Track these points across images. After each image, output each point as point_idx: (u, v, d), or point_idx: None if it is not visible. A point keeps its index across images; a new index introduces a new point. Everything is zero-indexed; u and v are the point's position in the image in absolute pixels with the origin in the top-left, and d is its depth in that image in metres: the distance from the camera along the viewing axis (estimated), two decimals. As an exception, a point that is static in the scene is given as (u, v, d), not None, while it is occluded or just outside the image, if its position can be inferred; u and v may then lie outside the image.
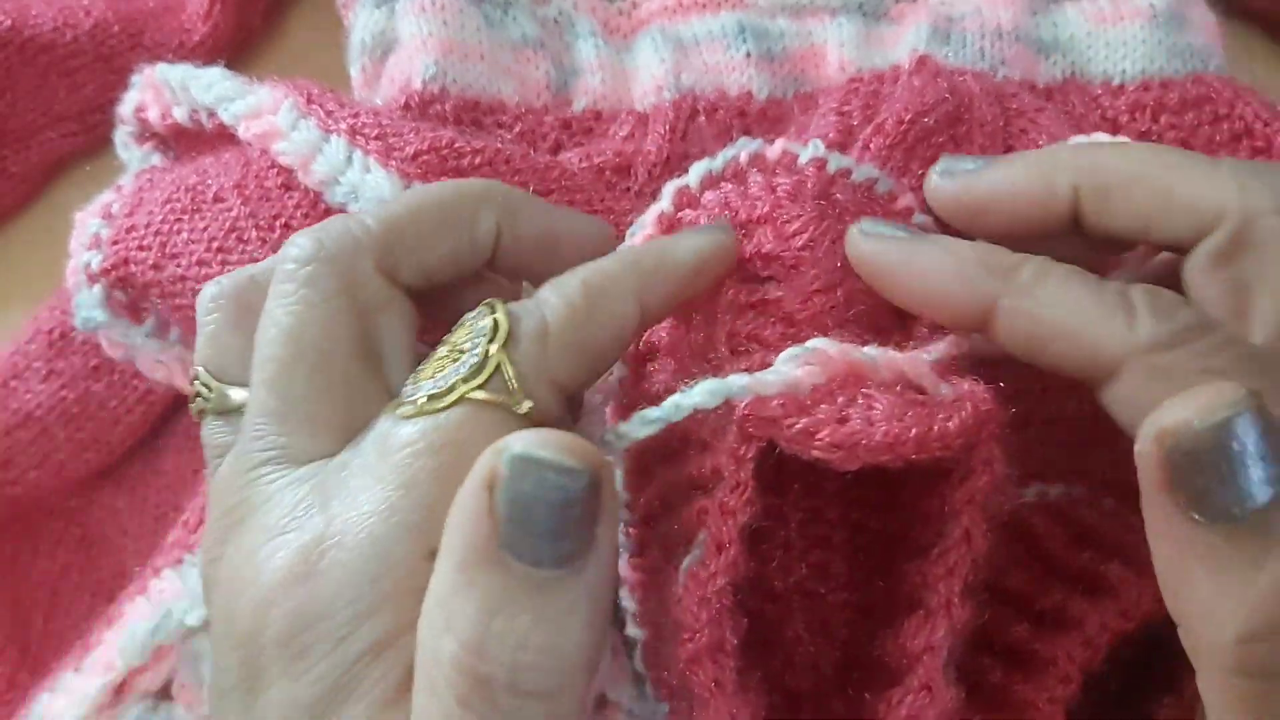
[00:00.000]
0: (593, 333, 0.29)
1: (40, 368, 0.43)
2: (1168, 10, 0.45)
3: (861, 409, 0.28)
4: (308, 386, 0.27)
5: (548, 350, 0.28)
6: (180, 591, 0.39)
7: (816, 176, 0.35)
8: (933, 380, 0.30)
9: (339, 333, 0.28)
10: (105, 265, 0.40)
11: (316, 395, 0.27)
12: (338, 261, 0.29)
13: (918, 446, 0.27)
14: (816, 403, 0.28)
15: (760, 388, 0.28)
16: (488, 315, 0.28)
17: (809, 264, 0.33)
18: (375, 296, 0.29)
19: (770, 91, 0.45)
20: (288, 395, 0.27)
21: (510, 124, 0.43)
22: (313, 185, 0.39)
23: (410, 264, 0.30)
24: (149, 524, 0.44)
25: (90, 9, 0.49)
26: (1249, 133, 0.43)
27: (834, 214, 0.34)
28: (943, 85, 0.40)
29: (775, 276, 0.33)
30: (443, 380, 0.26)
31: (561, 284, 0.29)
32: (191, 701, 0.39)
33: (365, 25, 0.44)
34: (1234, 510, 0.23)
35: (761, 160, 0.36)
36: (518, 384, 0.27)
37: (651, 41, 0.45)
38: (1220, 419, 0.23)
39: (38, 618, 0.44)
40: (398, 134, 0.38)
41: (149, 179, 0.42)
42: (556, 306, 0.28)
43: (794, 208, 0.34)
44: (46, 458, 0.43)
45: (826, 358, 0.29)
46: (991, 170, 0.34)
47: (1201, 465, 0.23)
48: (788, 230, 0.33)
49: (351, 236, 0.29)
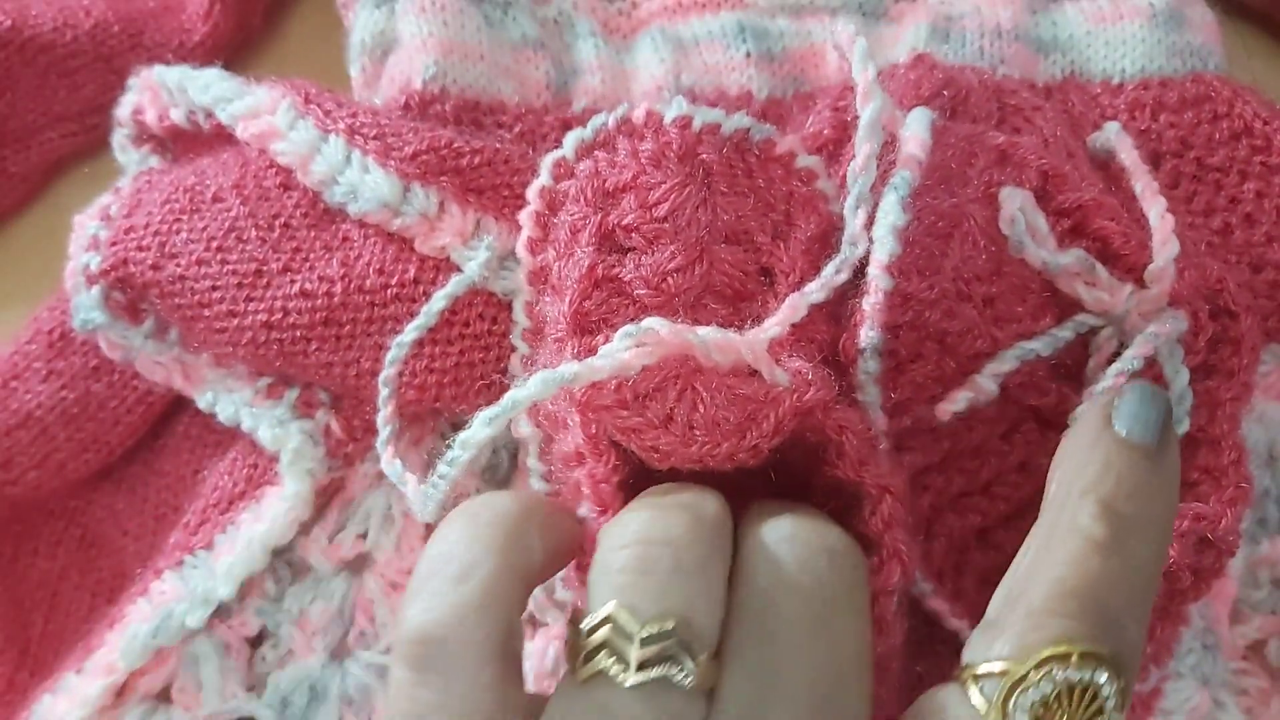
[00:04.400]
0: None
1: (40, 368, 0.43)
2: (1167, 9, 0.45)
3: (686, 408, 0.28)
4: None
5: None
6: (181, 593, 0.39)
7: (681, 137, 0.35)
8: (768, 364, 0.30)
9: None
10: (104, 266, 0.40)
11: None
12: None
13: (728, 458, 0.28)
14: (648, 392, 0.29)
15: (590, 374, 0.29)
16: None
17: (668, 237, 0.33)
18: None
19: (770, 91, 0.45)
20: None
21: (510, 124, 0.43)
22: (311, 185, 0.39)
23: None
24: (149, 524, 0.44)
25: (90, 9, 0.49)
26: (1248, 131, 0.43)
27: (700, 177, 0.34)
28: (939, 78, 0.40)
29: (636, 248, 0.34)
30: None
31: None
32: (191, 705, 0.39)
33: (365, 25, 0.45)
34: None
35: (629, 125, 0.36)
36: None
37: (651, 42, 0.45)
38: None
39: (38, 618, 0.44)
40: (396, 134, 0.38)
41: (147, 181, 0.42)
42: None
43: (657, 174, 0.34)
44: (46, 458, 0.43)
45: (658, 338, 0.29)
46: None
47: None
48: (650, 199, 0.34)
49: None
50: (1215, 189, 0.42)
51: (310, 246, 0.39)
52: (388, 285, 0.38)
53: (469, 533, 0.26)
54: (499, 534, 0.26)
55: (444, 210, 0.38)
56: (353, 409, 0.40)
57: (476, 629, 0.25)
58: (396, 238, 0.39)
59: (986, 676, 0.25)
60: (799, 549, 0.26)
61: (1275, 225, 0.41)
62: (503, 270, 0.38)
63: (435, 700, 0.24)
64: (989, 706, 0.25)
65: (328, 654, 0.40)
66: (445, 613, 0.25)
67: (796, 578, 0.25)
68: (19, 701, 0.41)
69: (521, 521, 0.26)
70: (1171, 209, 0.36)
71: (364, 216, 0.38)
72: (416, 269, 0.38)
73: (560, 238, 0.35)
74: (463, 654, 0.24)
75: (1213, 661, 0.39)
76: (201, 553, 0.40)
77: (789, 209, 0.35)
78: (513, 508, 0.27)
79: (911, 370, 0.33)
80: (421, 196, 0.38)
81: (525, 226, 0.37)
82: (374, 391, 0.38)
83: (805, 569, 0.25)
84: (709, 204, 0.34)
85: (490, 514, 0.26)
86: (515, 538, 0.26)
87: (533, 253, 0.37)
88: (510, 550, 0.26)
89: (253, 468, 0.41)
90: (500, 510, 0.26)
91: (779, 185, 0.35)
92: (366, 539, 0.41)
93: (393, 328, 0.38)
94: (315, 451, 0.40)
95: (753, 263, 0.34)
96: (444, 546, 0.26)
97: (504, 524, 0.26)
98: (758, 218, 0.35)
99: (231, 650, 0.40)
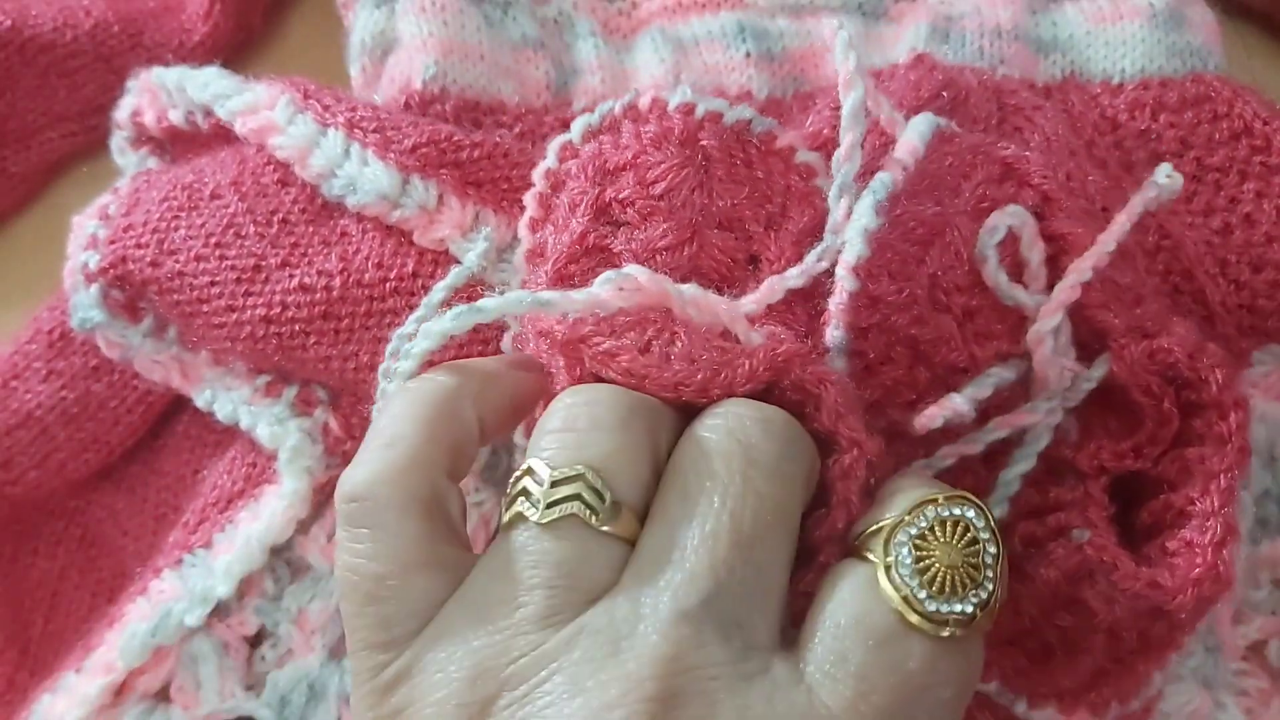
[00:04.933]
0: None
1: (40, 368, 0.43)
2: (1167, 9, 0.45)
3: (664, 342, 0.29)
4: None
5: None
6: (179, 592, 0.39)
7: (684, 122, 0.35)
8: (744, 328, 0.31)
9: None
10: (103, 264, 0.40)
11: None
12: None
13: (700, 391, 0.28)
14: (627, 327, 0.29)
15: (566, 304, 0.30)
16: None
17: (662, 215, 0.34)
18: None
19: (770, 91, 0.45)
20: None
21: (510, 124, 0.43)
22: (310, 178, 0.39)
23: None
24: (149, 524, 0.44)
25: (90, 9, 0.50)
26: (1248, 131, 0.43)
27: (698, 161, 0.35)
28: (939, 78, 0.40)
29: (630, 223, 0.34)
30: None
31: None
32: (190, 704, 0.39)
33: (365, 25, 0.45)
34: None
35: (634, 110, 0.37)
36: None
37: (651, 42, 0.45)
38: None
39: (38, 618, 0.44)
40: (396, 127, 0.39)
41: (145, 180, 0.42)
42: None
43: (657, 154, 0.35)
44: (46, 458, 0.43)
45: (638, 285, 0.30)
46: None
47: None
48: (649, 177, 0.34)
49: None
50: (1215, 189, 0.42)
51: (309, 241, 0.39)
52: (386, 279, 0.38)
53: (401, 408, 0.29)
54: (427, 408, 0.29)
55: (443, 203, 0.38)
56: (351, 406, 0.40)
57: (400, 488, 0.27)
58: (395, 232, 0.39)
59: (872, 534, 0.28)
60: (731, 419, 0.28)
61: (1275, 225, 0.41)
62: (501, 262, 0.38)
63: (366, 550, 0.27)
64: (878, 553, 0.27)
65: (326, 653, 0.40)
66: (373, 473, 0.28)
67: (723, 441, 0.27)
68: (19, 701, 0.41)
69: (452, 395, 0.29)
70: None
71: (362, 209, 0.38)
72: (415, 263, 0.38)
73: (559, 214, 0.36)
74: (388, 509, 0.27)
75: (1214, 664, 0.39)
76: (200, 551, 0.40)
77: (785, 201, 0.35)
78: (446, 383, 0.29)
79: (881, 373, 0.33)
80: (421, 189, 0.38)
81: (529, 206, 0.37)
82: (372, 386, 0.37)
83: (734, 434, 0.27)
84: (705, 188, 0.34)
85: (422, 391, 0.29)
86: (444, 409, 0.29)
87: (533, 231, 0.37)
88: (437, 421, 0.28)
89: (252, 466, 0.41)
90: (431, 387, 0.29)
91: (777, 178, 0.36)
92: (365, 538, 0.41)
93: (391, 321, 0.38)
94: (314, 449, 0.40)
95: (742, 250, 0.34)
96: (380, 420, 0.29)
97: (433, 398, 0.29)
98: (752, 207, 0.35)
99: (230, 649, 0.40)
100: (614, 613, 0.25)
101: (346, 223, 0.39)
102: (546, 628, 0.25)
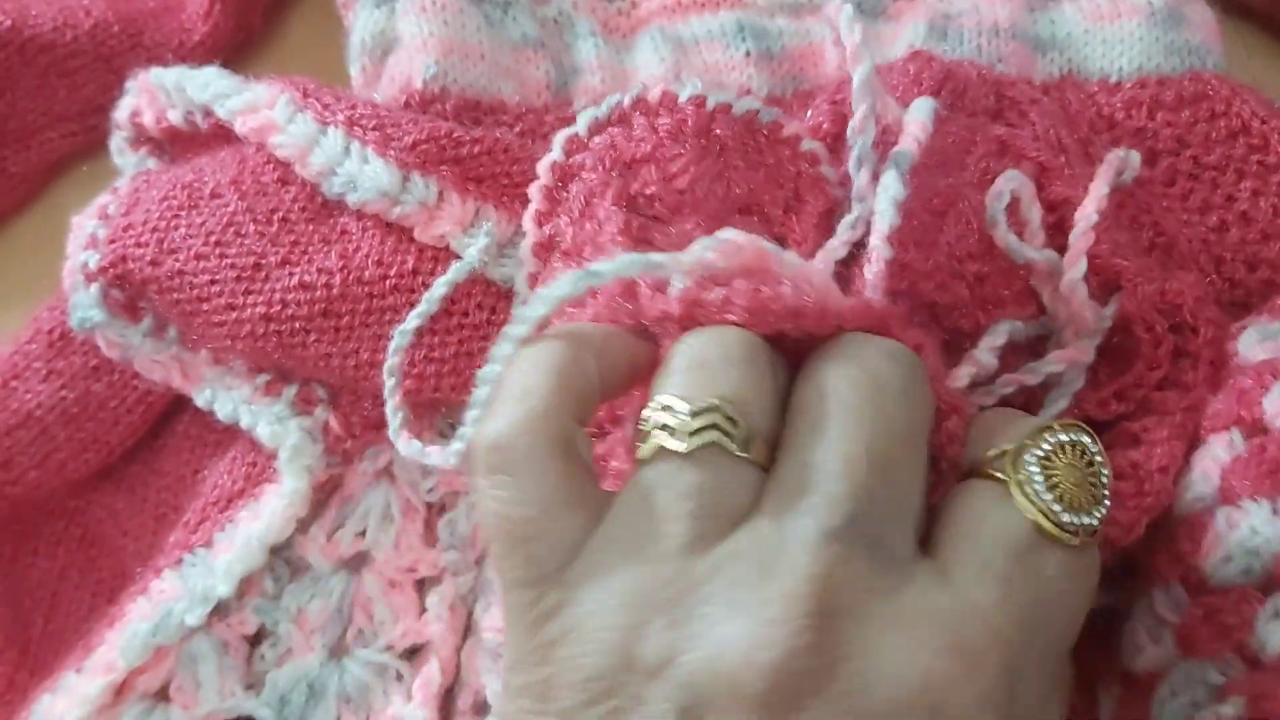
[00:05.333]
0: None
1: (40, 368, 0.43)
2: (1165, 7, 0.45)
3: (771, 285, 0.30)
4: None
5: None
6: (180, 592, 0.39)
7: (696, 114, 0.36)
8: (836, 290, 0.31)
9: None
10: (102, 264, 0.40)
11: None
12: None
13: (819, 316, 0.29)
14: (730, 281, 0.30)
15: (674, 264, 0.30)
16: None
17: (690, 209, 0.35)
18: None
19: (769, 90, 0.45)
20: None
21: (511, 124, 0.43)
22: (310, 177, 0.39)
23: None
24: (149, 524, 0.44)
25: (90, 9, 0.50)
26: (1246, 130, 0.43)
27: (715, 151, 0.36)
28: (938, 71, 0.41)
29: (659, 217, 0.35)
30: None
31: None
32: (189, 703, 0.39)
33: (365, 25, 0.45)
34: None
35: (644, 103, 0.37)
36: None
37: (651, 41, 0.45)
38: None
39: (38, 618, 0.44)
40: (395, 124, 0.39)
41: (145, 180, 0.42)
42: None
43: (676, 146, 0.36)
44: (46, 458, 0.43)
45: (736, 247, 0.30)
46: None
47: None
48: (671, 170, 0.35)
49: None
50: (1212, 187, 0.42)
51: (309, 240, 0.39)
52: (386, 276, 0.38)
53: (529, 363, 0.30)
54: (555, 360, 0.29)
55: (443, 199, 0.38)
56: (351, 405, 0.40)
57: (538, 435, 0.28)
58: (395, 230, 0.39)
59: (996, 457, 0.30)
60: (854, 347, 0.29)
61: (1271, 223, 0.41)
62: (501, 258, 0.38)
63: (510, 495, 0.28)
64: (1008, 473, 0.29)
65: (326, 652, 0.40)
66: (511, 423, 0.28)
67: (849, 369, 0.28)
68: (19, 701, 0.41)
69: (577, 348, 0.30)
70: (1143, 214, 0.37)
71: (363, 206, 0.38)
72: (415, 260, 0.38)
73: (575, 204, 0.36)
74: (529, 455, 0.28)
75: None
76: (200, 551, 0.40)
77: (797, 186, 0.37)
78: (570, 338, 0.30)
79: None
80: (421, 186, 0.38)
81: (533, 200, 0.38)
82: (373, 384, 0.38)
83: (859, 361, 0.29)
84: (724, 177, 0.35)
85: (548, 347, 0.30)
86: (570, 361, 0.29)
87: (539, 224, 0.37)
88: (564, 371, 0.29)
89: (252, 466, 0.41)
90: (556, 343, 0.30)
91: (787, 165, 0.37)
92: (365, 537, 0.41)
93: (391, 318, 0.38)
94: (314, 448, 0.40)
95: (767, 233, 0.35)
96: (509, 376, 0.30)
97: (560, 351, 0.30)
98: (770, 191, 0.36)
99: (230, 648, 0.40)
100: (759, 537, 0.27)
101: (346, 220, 0.39)
102: (694, 553, 0.27)
